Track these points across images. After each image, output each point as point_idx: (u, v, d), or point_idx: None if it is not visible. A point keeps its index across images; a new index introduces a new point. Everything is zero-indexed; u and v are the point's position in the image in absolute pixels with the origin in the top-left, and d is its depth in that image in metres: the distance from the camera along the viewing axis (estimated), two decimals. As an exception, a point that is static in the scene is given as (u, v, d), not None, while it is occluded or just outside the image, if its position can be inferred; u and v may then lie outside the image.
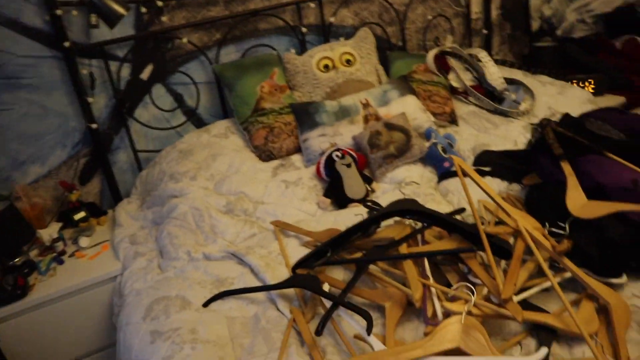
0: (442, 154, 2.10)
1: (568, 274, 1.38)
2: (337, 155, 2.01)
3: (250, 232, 1.83)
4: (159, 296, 1.50)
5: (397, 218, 1.62)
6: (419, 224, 1.59)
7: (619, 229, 1.39)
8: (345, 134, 2.18)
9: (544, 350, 1.11)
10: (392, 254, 1.46)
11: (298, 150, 2.23)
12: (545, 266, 1.30)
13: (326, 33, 2.64)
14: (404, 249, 1.47)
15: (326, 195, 1.99)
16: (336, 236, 1.55)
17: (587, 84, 2.74)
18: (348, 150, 2.05)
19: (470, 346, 1.15)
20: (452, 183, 1.96)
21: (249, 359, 1.29)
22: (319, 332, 1.26)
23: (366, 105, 2.26)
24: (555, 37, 3.12)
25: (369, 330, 1.23)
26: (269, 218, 1.88)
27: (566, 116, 1.71)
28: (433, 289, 1.34)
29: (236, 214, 1.91)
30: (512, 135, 2.25)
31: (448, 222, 1.47)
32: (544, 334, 1.24)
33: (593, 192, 1.47)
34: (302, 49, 2.57)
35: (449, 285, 1.39)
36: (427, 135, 2.20)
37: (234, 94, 2.31)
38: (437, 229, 1.58)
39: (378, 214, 1.55)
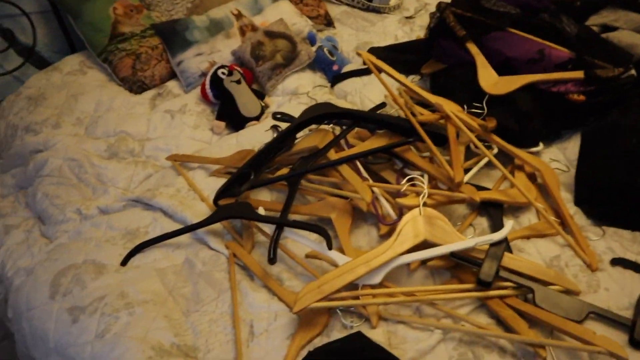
0: (330, 57, 1.99)
1: (495, 151, 1.40)
2: (223, 73, 1.79)
3: (145, 174, 1.58)
4: (62, 267, 1.24)
5: (313, 126, 1.49)
6: (337, 129, 1.49)
7: (530, 101, 1.42)
8: (224, 50, 1.96)
9: (509, 223, 1.10)
10: (322, 162, 1.35)
11: (173, 75, 1.96)
12: (481, 145, 1.29)
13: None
14: (332, 155, 1.37)
15: (219, 118, 1.78)
16: (254, 156, 1.40)
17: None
18: (233, 66, 1.84)
19: (438, 235, 1.11)
20: (347, 85, 1.87)
21: (198, 307, 1.13)
22: (272, 259, 1.13)
23: (238, 15, 2.04)
24: None
25: (329, 245, 1.12)
26: (162, 154, 1.64)
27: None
28: (377, 189, 1.28)
29: (122, 156, 1.64)
30: (391, 31, 2.20)
31: (375, 119, 1.39)
32: (493, 210, 1.25)
33: (501, 68, 1.48)
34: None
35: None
36: (310, 39, 2.06)
37: (81, 22, 1.92)
38: (355, 131, 1.49)
39: (295, 124, 1.41)
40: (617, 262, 1.13)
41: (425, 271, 1.15)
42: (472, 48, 1.51)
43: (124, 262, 1.25)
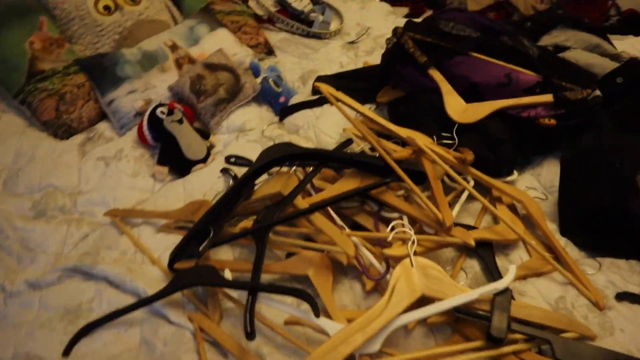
0: (276, 88, 1.85)
1: (471, 183, 1.31)
2: (162, 112, 1.61)
3: (80, 234, 1.36)
4: (-14, 365, 1.01)
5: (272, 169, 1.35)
6: (300, 170, 1.35)
7: (502, 127, 1.36)
8: (160, 86, 1.77)
9: (512, 269, 1.00)
10: (291, 211, 1.20)
11: (104, 116, 1.75)
12: (462, 181, 1.20)
13: (92, -35, 2.08)
14: (300, 202, 1.22)
15: (161, 163, 1.59)
16: (211, 208, 1.22)
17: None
18: (174, 103, 1.66)
19: (435, 288, 0.99)
20: (298, 118, 1.74)
21: (167, 403, 0.94)
22: (251, 334, 0.96)
23: (174, 47, 1.86)
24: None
25: (316, 313, 0.97)
26: (99, 209, 1.43)
27: (410, 22, 1.61)
28: (356, 239, 1.14)
29: (51, 215, 1.41)
30: (335, 57, 2.11)
31: (345, 159, 1.26)
32: (483, 251, 1.15)
33: (467, 94, 1.40)
34: (64, -10, 1.99)
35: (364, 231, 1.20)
36: (253, 70, 1.92)
37: (-9, 59, 1.68)
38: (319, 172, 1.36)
39: (254, 168, 1.26)
40: (622, 297, 1.06)
41: (424, 329, 1.03)
42: (436, 75, 1.43)
43: (66, 352, 1.03)
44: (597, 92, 1.37)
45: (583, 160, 1.26)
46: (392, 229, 1.08)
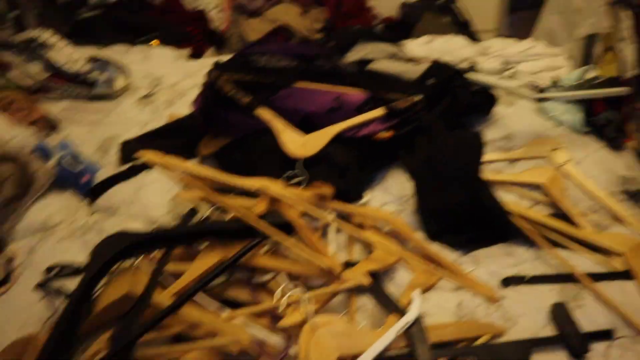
0: (75, 167, 1.57)
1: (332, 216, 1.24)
2: None
3: None
4: None
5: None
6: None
7: (345, 152, 1.32)
8: None
9: (417, 296, 0.96)
10: (153, 312, 0.99)
11: None
12: (330, 218, 1.12)
13: None
14: (161, 297, 1.02)
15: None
16: (48, 342, 0.94)
17: (154, 42, 2.55)
18: (-53, 221, 1.29)
19: (347, 345, 0.91)
20: (114, 195, 1.49)
21: None
22: None
23: None
24: (91, 7, 2.76)
25: None
26: None
27: (220, 64, 1.48)
28: (241, 317, 0.99)
29: None
30: (132, 116, 1.90)
31: (198, 233, 1.09)
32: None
33: (301, 125, 1.34)
34: None
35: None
36: (42, 152, 1.60)
37: None
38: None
39: (90, 277, 1.01)
40: (507, 282, 1.10)
41: (346, 390, 0.92)
42: (264, 113, 1.33)
43: None
44: (420, 97, 1.42)
45: (429, 166, 1.28)
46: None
